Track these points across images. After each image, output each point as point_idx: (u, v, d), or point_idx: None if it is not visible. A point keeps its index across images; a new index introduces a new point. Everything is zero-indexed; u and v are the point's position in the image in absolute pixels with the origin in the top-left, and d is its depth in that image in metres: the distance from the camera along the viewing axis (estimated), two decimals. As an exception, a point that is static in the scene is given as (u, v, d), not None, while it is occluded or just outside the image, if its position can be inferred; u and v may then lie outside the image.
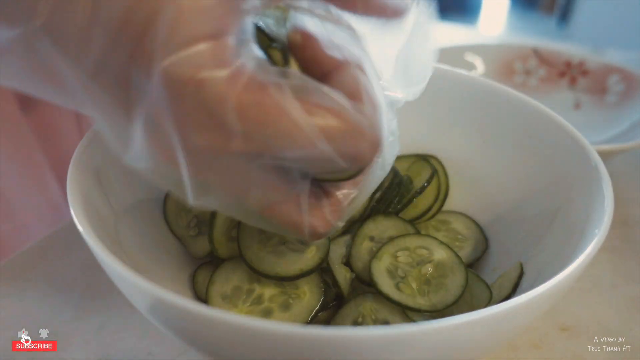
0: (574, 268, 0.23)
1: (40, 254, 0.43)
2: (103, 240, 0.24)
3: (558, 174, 0.33)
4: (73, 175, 0.28)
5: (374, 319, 0.31)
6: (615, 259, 0.43)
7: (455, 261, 0.33)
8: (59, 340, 0.35)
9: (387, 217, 0.36)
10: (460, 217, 0.39)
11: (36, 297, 0.39)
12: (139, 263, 0.30)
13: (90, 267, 0.41)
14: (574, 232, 0.29)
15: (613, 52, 0.85)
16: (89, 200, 0.28)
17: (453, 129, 0.41)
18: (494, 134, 0.39)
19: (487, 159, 0.39)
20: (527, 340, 0.35)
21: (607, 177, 0.29)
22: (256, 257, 0.31)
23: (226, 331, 0.20)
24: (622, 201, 0.50)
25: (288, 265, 0.31)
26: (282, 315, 0.30)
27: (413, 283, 0.32)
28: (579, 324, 0.37)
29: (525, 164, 0.36)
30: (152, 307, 0.23)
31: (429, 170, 0.39)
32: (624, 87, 0.62)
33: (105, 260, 0.23)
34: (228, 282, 0.32)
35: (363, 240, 0.36)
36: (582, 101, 0.65)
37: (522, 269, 0.31)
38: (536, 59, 0.68)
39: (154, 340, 0.35)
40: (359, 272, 0.34)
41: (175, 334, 0.25)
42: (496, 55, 0.69)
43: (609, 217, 0.26)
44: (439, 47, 0.66)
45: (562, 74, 0.67)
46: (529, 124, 0.36)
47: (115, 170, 0.33)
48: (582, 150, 0.32)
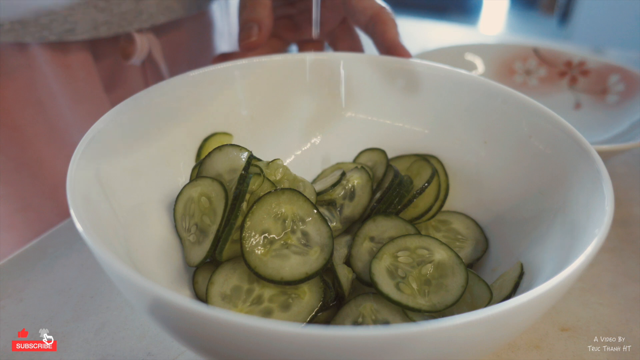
0: (574, 268, 0.23)
1: (40, 254, 0.43)
2: (102, 240, 0.24)
3: (558, 174, 0.33)
4: (73, 175, 0.28)
5: (374, 319, 0.31)
6: (615, 259, 0.43)
7: (456, 261, 0.33)
8: (59, 340, 0.35)
9: (387, 217, 0.37)
10: (460, 217, 0.39)
11: (36, 297, 0.39)
12: (139, 263, 0.30)
13: (90, 267, 0.42)
14: (574, 232, 0.29)
15: (613, 52, 0.85)
16: (89, 200, 0.28)
17: (453, 129, 0.41)
18: (494, 134, 0.39)
19: (487, 159, 0.39)
20: (527, 340, 0.35)
21: (607, 177, 0.29)
22: (260, 262, 0.31)
23: (226, 331, 0.20)
24: (622, 201, 0.50)
25: (293, 269, 0.31)
26: (282, 315, 0.30)
27: (413, 283, 0.32)
28: (579, 324, 0.37)
29: (526, 164, 0.36)
30: (152, 306, 0.23)
31: (429, 170, 0.39)
32: (624, 87, 0.62)
33: (105, 260, 0.23)
34: (228, 282, 0.32)
35: (363, 240, 0.36)
36: (582, 101, 0.65)
37: (522, 269, 0.31)
38: (536, 59, 0.68)
39: (154, 340, 0.35)
40: (359, 272, 0.34)
41: (175, 334, 0.25)
42: (496, 55, 0.69)
43: (609, 217, 0.26)
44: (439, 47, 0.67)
45: (562, 74, 0.67)
46: (529, 124, 0.36)
47: (115, 170, 0.33)
48: (582, 150, 0.32)
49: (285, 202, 0.33)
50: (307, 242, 0.33)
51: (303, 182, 0.37)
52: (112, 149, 0.33)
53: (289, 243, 0.33)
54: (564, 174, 0.33)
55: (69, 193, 0.26)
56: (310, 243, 0.33)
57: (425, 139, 0.43)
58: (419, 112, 0.43)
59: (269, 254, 0.32)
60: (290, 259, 0.32)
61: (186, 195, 0.35)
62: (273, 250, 0.32)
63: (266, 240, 0.32)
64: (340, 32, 0.52)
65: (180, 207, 0.35)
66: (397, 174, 0.38)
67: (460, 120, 0.41)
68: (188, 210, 0.35)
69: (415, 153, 0.42)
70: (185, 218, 0.35)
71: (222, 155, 0.36)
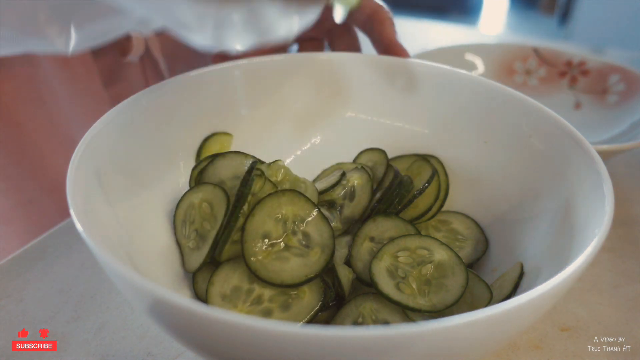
0: (574, 268, 0.23)
1: (40, 254, 0.43)
2: (102, 240, 0.24)
3: (558, 174, 0.33)
4: (73, 175, 0.28)
5: (374, 319, 0.31)
6: (615, 259, 0.43)
7: (456, 261, 0.33)
8: (59, 340, 0.35)
9: (387, 217, 0.36)
10: (460, 217, 0.39)
11: (36, 297, 0.39)
12: (138, 263, 0.30)
13: (90, 267, 0.42)
14: (574, 232, 0.29)
15: (613, 52, 0.85)
16: (89, 201, 0.28)
17: (453, 129, 0.41)
18: (494, 134, 0.39)
19: (487, 159, 0.39)
20: (527, 340, 0.35)
21: (607, 177, 0.29)
22: (261, 265, 0.31)
23: (226, 331, 0.20)
24: (622, 201, 0.50)
25: (293, 271, 0.31)
26: (282, 315, 0.30)
27: (413, 283, 0.32)
28: (579, 324, 0.37)
29: (526, 164, 0.36)
30: (152, 307, 0.23)
31: (429, 170, 0.39)
32: (624, 87, 0.62)
33: (105, 260, 0.23)
34: (228, 282, 0.32)
35: (363, 240, 0.36)
36: (582, 101, 0.65)
37: (522, 269, 0.31)
38: (536, 59, 0.68)
39: (154, 340, 0.35)
40: (360, 272, 0.34)
41: (175, 334, 0.25)
42: (496, 55, 0.69)
43: (609, 217, 0.26)
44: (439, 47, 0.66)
45: (562, 74, 0.67)
46: (529, 124, 0.36)
47: (115, 170, 0.33)
48: (582, 150, 0.32)
49: (286, 203, 0.33)
50: (307, 243, 0.33)
51: (305, 183, 0.37)
52: (112, 149, 0.33)
53: (290, 245, 0.33)
54: (564, 174, 0.33)
55: (69, 193, 0.26)
56: (310, 244, 0.33)
57: (425, 139, 0.43)
58: (419, 112, 0.43)
59: (270, 257, 0.32)
60: (291, 261, 0.32)
61: (187, 201, 0.35)
62: (274, 252, 0.32)
63: (267, 242, 0.32)
64: (339, 30, 0.52)
65: (180, 214, 0.35)
66: (397, 174, 0.38)
67: (460, 120, 0.41)
68: (189, 217, 0.35)
69: (415, 153, 0.42)
70: (185, 224, 0.35)
71: (226, 162, 0.36)
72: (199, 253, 0.33)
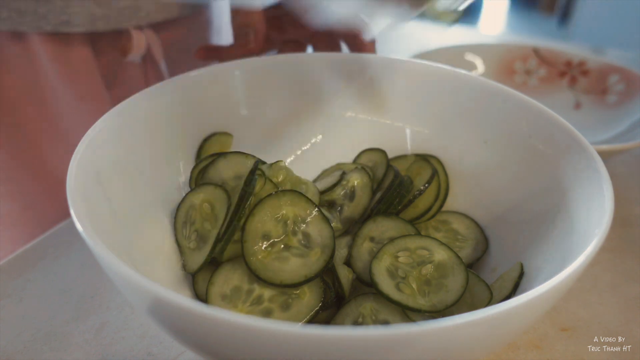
0: (574, 268, 0.23)
1: (40, 254, 0.43)
2: (102, 240, 0.24)
3: (558, 174, 0.33)
4: (73, 176, 0.28)
5: (374, 319, 0.31)
6: (615, 259, 0.43)
7: (456, 262, 0.33)
8: (58, 340, 0.35)
9: (387, 217, 0.36)
10: (460, 217, 0.39)
11: (36, 297, 0.39)
12: (139, 263, 0.30)
13: (90, 267, 0.42)
14: (574, 232, 0.29)
15: (613, 52, 0.85)
16: (89, 201, 0.28)
17: (453, 129, 0.41)
18: (494, 134, 0.39)
19: (487, 159, 0.39)
20: (527, 340, 0.35)
21: (607, 177, 0.29)
22: (261, 265, 0.31)
23: (226, 331, 0.20)
24: (622, 201, 0.50)
25: (293, 272, 0.31)
26: (282, 315, 0.30)
27: (413, 283, 0.32)
28: (579, 324, 0.37)
29: (526, 164, 0.36)
30: (152, 306, 0.23)
31: (429, 170, 0.39)
32: (624, 87, 0.62)
33: (105, 260, 0.23)
34: (228, 282, 0.32)
35: (363, 240, 0.36)
36: (582, 101, 0.65)
37: (522, 269, 0.31)
38: (536, 59, 0.68)
39: (154, 340, 0.35)
40: (360, 272, 0.34)
41: (175, 334, 0.25)
42: (496, 55, 0.69)
43: (609, 217, 0.26)
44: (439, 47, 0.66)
45: (562, 74, 0.67)
46: (529, 124, 0.36)
47: (115, 170, 0.33)
48: (582, 150, 0.32)
49: (286, 203, 0.33)
50: (307, 244, 0.33)
51: (306, 184, 0.37)
52: (112, 149, 0.33)
53: (290, 245, 0.33)
54: (564, 174, 0.33)
55: (69, 193, 0.26)
56: (311, 244, 0.33)
57: (425, 139, 0.43)
58: (419, 112, 0.43)
59: (270, 257, 0.32)
60: (291, 261, 0.32)
61: (188, 202, 0.35)
62: (274, 252, 0.32)
63: (267, 242, 0.32)
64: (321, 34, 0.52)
65: (181, 215, 0.35)
66: (397, 174, 0.38)
67: (460, 120, 0.41)
68: (189, 218, 0.35)
69: (415, 153, 0.42)
70: (186, 225, 0.35)
71: (228, 162, 0.36)
72: (200, 253, 0.33)
